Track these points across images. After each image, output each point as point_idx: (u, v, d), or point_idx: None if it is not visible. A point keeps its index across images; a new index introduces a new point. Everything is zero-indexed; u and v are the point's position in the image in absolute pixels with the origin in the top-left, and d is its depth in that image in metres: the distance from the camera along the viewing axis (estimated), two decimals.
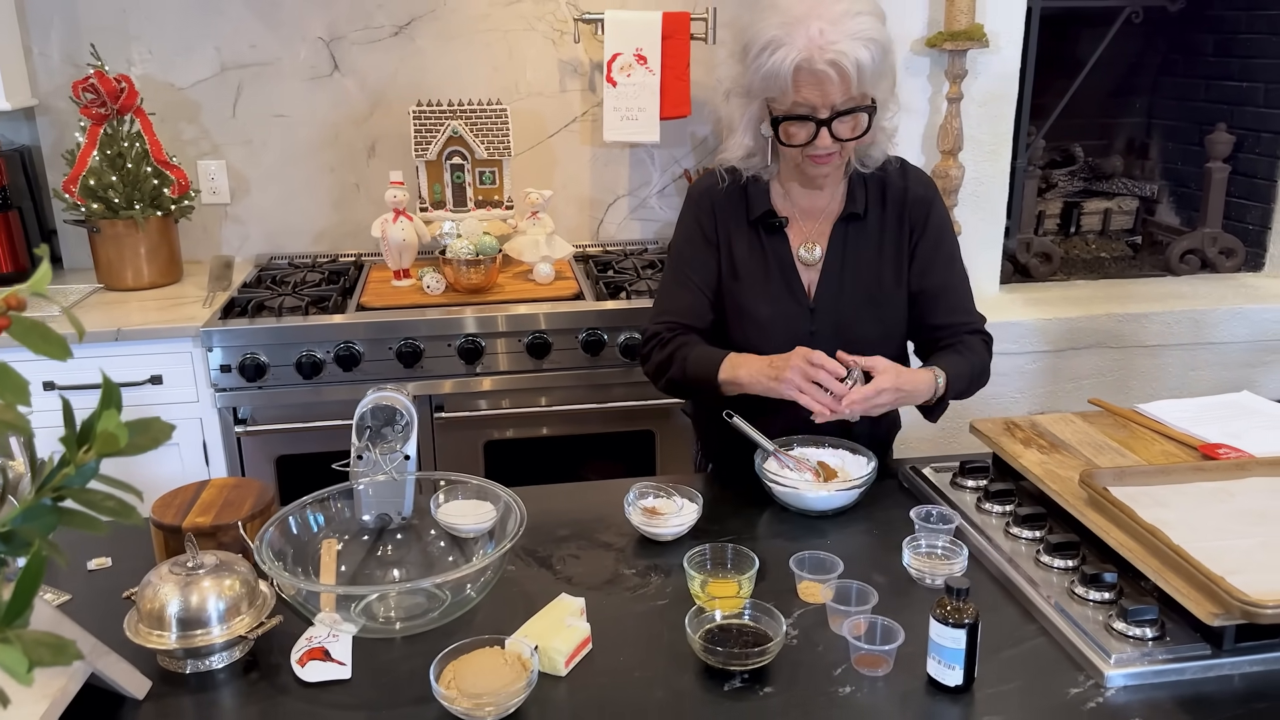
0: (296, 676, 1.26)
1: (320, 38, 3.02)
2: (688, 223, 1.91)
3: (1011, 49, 2.81)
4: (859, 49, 1.62)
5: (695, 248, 1.89)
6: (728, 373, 1.75)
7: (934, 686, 1.24)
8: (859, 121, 1.71)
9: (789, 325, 1.83)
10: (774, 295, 1.85)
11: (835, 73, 1.63)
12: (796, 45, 1.62)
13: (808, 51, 1.62)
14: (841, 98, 1.66)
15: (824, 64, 1.62)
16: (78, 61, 2.90)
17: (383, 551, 1.50)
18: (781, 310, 1.84)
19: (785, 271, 1.85)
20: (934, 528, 1.52)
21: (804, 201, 1.87)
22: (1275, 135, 3.13)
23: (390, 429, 1.52)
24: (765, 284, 1.85)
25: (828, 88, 1.65)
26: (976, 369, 1.84)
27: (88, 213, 2.75)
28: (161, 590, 1.27)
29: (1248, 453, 1.63)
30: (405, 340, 2.60)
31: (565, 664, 1.27)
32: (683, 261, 1.90)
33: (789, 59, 1.62)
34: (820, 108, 1.67)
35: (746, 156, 1.83)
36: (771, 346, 1.79)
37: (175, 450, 2.61)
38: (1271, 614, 1.20)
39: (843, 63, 1.62)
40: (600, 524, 1.65)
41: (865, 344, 1.78)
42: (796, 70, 1.63)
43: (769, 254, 1.85)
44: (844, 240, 1.85)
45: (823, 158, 1.74)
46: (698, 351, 1.81)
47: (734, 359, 1.76)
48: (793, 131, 1.72)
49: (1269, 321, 2.94)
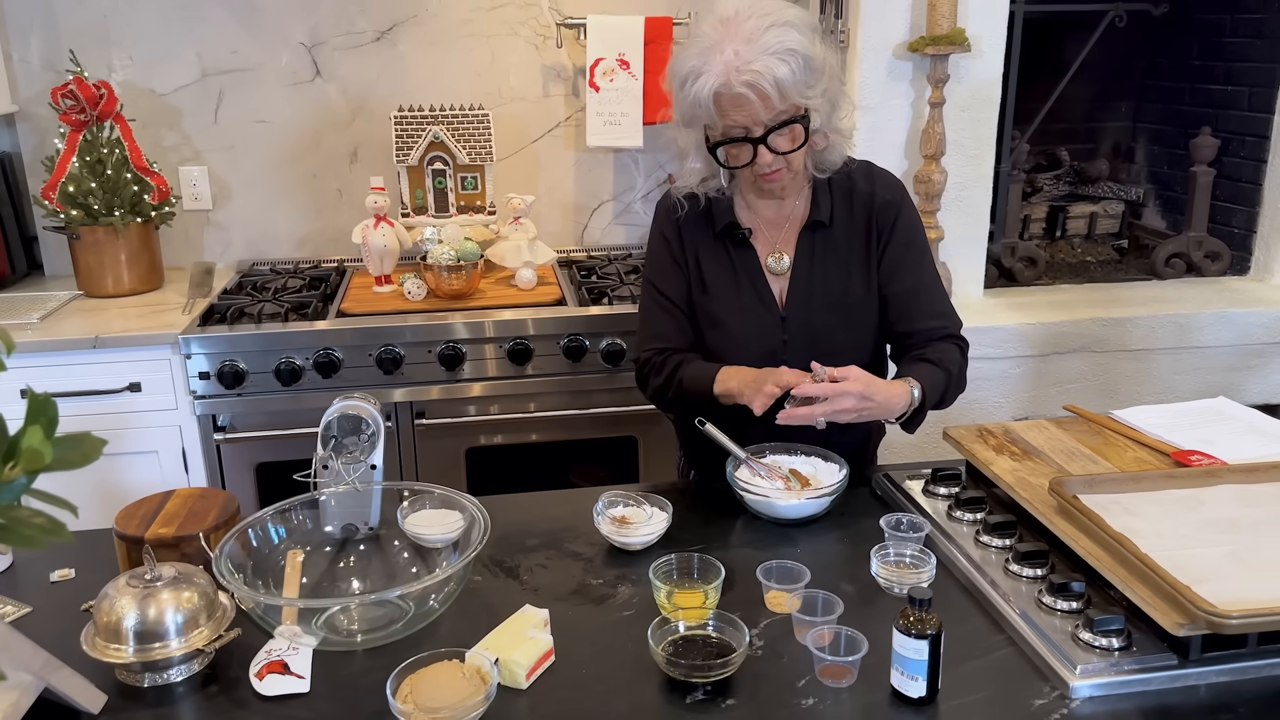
0: (255, 690, 1.25)
1: (302, 43, 3.02)
2: (656, 242, 1.92)
3: (994, 53, 2.80)
4: (775, 65, 1.61)
5: (665, 267, 1.89)
6: (721, 385, 1.77)
7: (897, 698, 1.23)
8: (795, 133, 1.70)
9: (761, 336, 1.83)
10: (745, 306, 1.84)
11: (754, 94, 1.62)
12: (714, 72, 1.62)
13: (724, 76, 1.61)
14: (768, 115, 1.66)
15: (741, 86, 1.61)
16: (58, 68, 2.89)
17: (346, 563, 1.49)
18: (753, 321, 1.84)
19: (755, 282, 1.84)
20: (904, 536, 1.51)
21: (767, 212, 1.86)
22: (1260, 139, 3.12)
23: (356, 439, 1.51)
24: (736, 296, 1.84)
25: (751, 108, 1.64)
26: (953, 377, 1.81)
27: (67, 219, 2.74)
28: (118, 603, 1.26)
29: (1220, 459, 1.62)
30: (385, 347, 2.59)
31: (526, 677, 1.26)
32: (658, 281, 1.90)
33: (707, 86, 1.63)
34: (751, 127, 1.67)
35: (702, 181, 1.83)
36: (746, 357, 1.80)
37: (154, 458, 2.60)
38: (1237, 624, 1.20)
39: (759, 83, 1.61)
40: (570, 533, 1.64)
41: (838, 351, 1.78)
42: (716, 96, 1.63)
43: (737, 266, 1.85)
44: (811, 248, 1.84)
45: (771, 174, 1.73)
46: (690, 371, 1.83)
47: (726, 373, 1.77)
48: (733, 154, 1.72)
49: (1254, 325, 2.93)
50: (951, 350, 1.84)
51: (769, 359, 1.81)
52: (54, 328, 2.57)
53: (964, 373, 1.86)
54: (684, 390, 1.82)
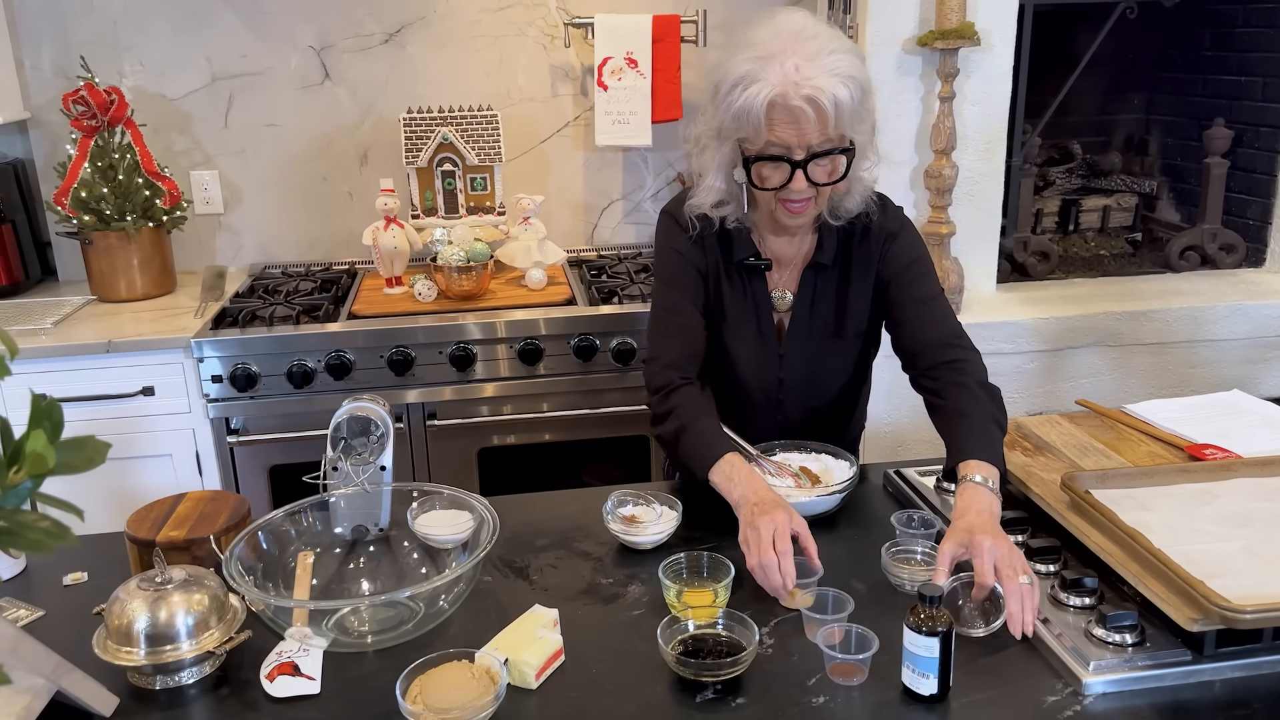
0: (265, 692, 1.25)
1: (311, 46, 3.02)
2: (668, 255, 1.80)
3: (1004, 47, 2.79)
4: (837, 86, 1.52)
5: (682, 278, 1.78)
6: (721, 479, 1.57)
7: (909, 696, 1.23)
8: (837, 165, 1.61)
9: (761, 368, 1.82)
10: (748, 338, 1.81)
11: (812, 109, 1.53)
12: (770, 81, 1.53)
13: (782, 87, 1.52)
14: (818, 138, 1.56)
15: (800, 100, 1.52)
16: (69, 74, 2.91)
17: (356, 564, 1.50)
18: (755, 353, 1.82)
19: (760, 316, 1.80)
20: (914, 532, 1.50)
21: (776, 247, 1.80)
22: (1274, 129, 3.09)
23: (365, 440, 1.51)
24: (743, 326, 1.81)
25: (804, 126, 1.55)
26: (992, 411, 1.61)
27: (79, 225, 2.75)
28: (129, 606, 1.26)
29: (1234, 453, 1.61)
30: (396, 348, 2.59)
31: (536, 677, 1.26)
32: (671, 296, 1.78)
33: (762, 94, 1.53)
34: (795, 148, 1.57)
35: (717, 204, 1.73)
36: (744, 388, 1.81)
37: (168, 461, 2.61)
38: (1251, 619, 1.18)
39: (820, 99, 1.52)
40: (580, 533, 1.64)
41: (832, 389, 1.81)
42: (770, 106, 1.53)
43: (749, 296, 1.80)
44: (813, 287, 1.79)
45: (797, 205, 1.64)
46: (694, 434, 1.64)
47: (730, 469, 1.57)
48: (766, 174, 1.62)
49: (1269, 318, 2.90)
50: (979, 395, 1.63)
51: (766, 395, 1.83)
52: (67, 333, 2.58)
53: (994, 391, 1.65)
54: (678, 451, 1.67)
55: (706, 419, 1.67)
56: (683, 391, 1.70)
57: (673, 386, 1.71)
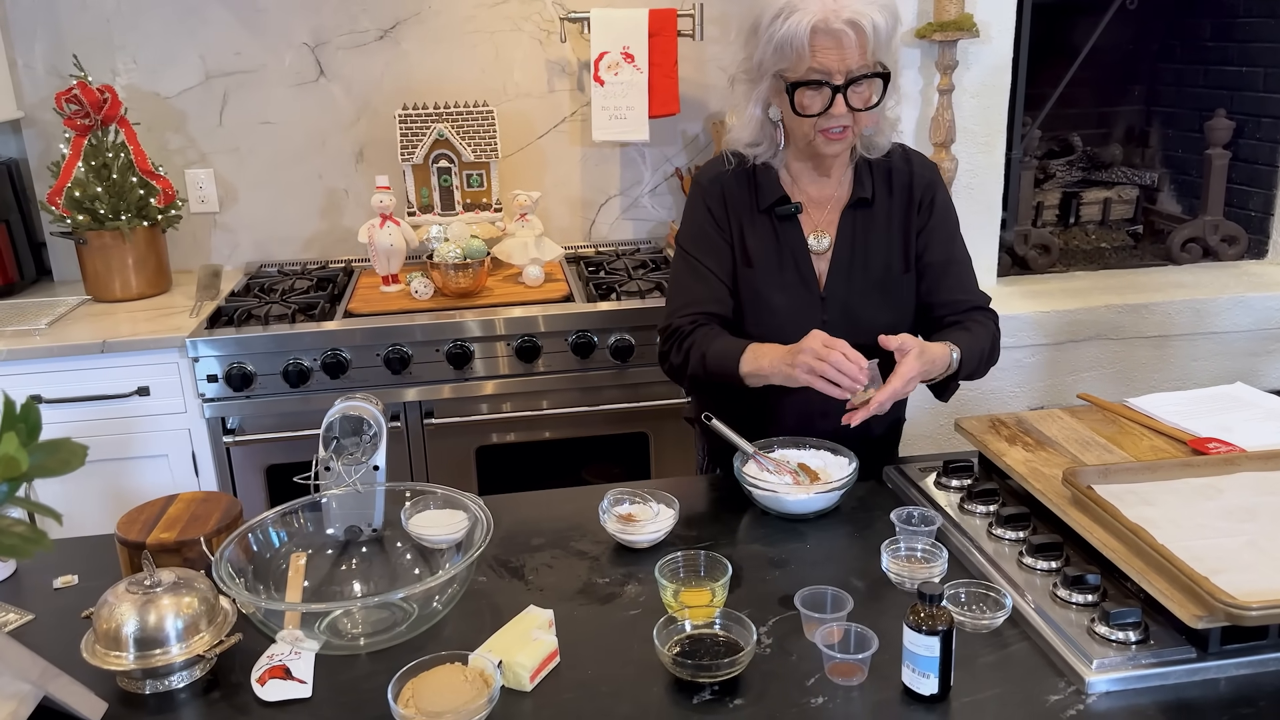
0: (256, 696, 1.24)
1: (305, 43, 3.00)
2: (698, 211, 1.87)
3: (1003, 38, 2.77)
4: (874, 10, 1.63)
5: (708, 235, 1.85)
6: (750, 364, 1.71)
7: (909, 696, 1.21)
8: (874, 89, 1.69)
9: (801, 314, 1.81)
10: (787, 284, 1.82)
11: (853, 31, 1.62)
12: (810, 9, 1.62)
13: (823, 13, 1.62)
14: (857, 62, 1.65)
15: (841, 23, 1.61)
16: (62, 73, 2.89)
17: (348, 565, 1.48)
18: (794, 299, 1.82)
19: (798, 260, 1.82)
20: (914, 530, 1.49)
21: (812, 189, 1.85)
22: (1276, 120, 3.07)
23: (358, 440, 1.49)
24: (779, 273, 1.83)
25: (845, 49, 1.64)
26: (987, 346, 1.82)
27: (74, 224, 2.73)
28: (118, 610, 1.25)
29: (1239, 447, 1.59)
30: (393, 346, 2.57)
31: (530, 679, 1.24)
32: (696, 249, 1.85)
33: (804, 21, 1.62)
34: (835, 73, 1.65)
35: (752, 142, 1.81)
36: (785, 336, 1.76)
37: (165, 462, 2.60)
38: (1257, 616, 1.16)
39: (860, 21, 1.62)
40: (576, 532, 1.62)
41: (875, 330, 1.75)
42: (813, 32, 1.63)
43: (782, 242, 1.83)
44: (852, 228, 1.83)
45: (836, 133, 1.71)
46: (717, 346, 1.76)
47: (755, 349, 1.72)
48: (807, 101, 1.69)
49: (1272, 309, 2.88)
50: (985, 320, 1.85)
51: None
52: (62, 333, 2.57)
53: (998, 343, 1.86)
54: (706, 367, 1.76)
55: (725, 338, 1.78)
56: (698, 329, 1.80)
57: (685, 332, 1.81)
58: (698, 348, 1.78)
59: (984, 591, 1.35)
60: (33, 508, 0.74)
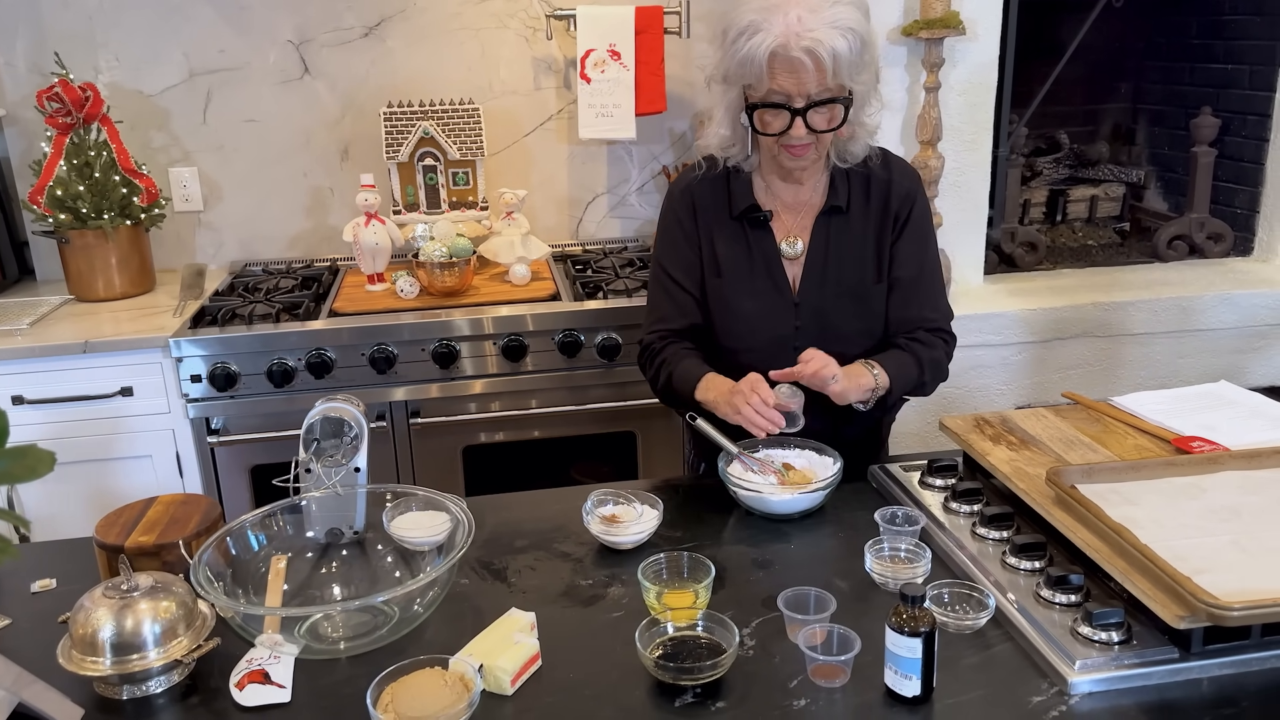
0: (235, 701, 1.23)
1: (290, 41, 2.98)
2: (668, 223, 1.89)
3: (990, 36, 2.76)
4: (836, 38, 1.60)
5: (677, 248, 1.87)
6: (701, 394, 1.75)
7: (891, 697, 1.20)
8: (835, 113, 1.69)
9: (773, 320, 1.81)
10: (758, 290, 1.82)
11: (810, 61, 1.61)
12: (774, 31, 1.60)
13: (784, 38, 1.60)
14: (817, 88, 1.64)
15: (799, 51, 1.60)
16: (44, 70, 2.86)
17: (329, 568, 1.47)
18: (766, 305, 1.82)
19: (770, 266, 1.82)
20: (898, 529, 1.48)
21: (785, 195, 1.84)
22: (1262, 117, 3.07)
23: (338, 442, 1.48)
24: (749, 279, 1.82)
25: (803, 76, 1.63)
26: (925, 364, 1.81)
27: (56, 223, 2.71)
28: (94, 615, 1.23)
29: (1222, 445, 1.59)
30: (378, 346, 2.56)
31: (511, 683, 1.23)
32: (666, 263, 1.88)
33: (765, 44, 1.61)
34: (795, 97, 1.65)
35: (724, 146, 1.81)
36: (756, 342, 1.79)
37: (149, 462, 2.58)
38: (1239, 616, 1.16)
39: (818, 51, 1.60)
40: (560, 533, 1.61)
41: (848, 339, 1.78)
42: (771, 56, 1.62)
43: (753, 248, 1.83)
44: (826, 234, 1.83)
45: (797, 149, 1.72)
46: (680, 369, 1.80)
47: (708, 381, 1.75)
48: (767, 120, 1.70)
49: (1258, 307, 2.89)
50: (929, 340, 1.83)
51: (780, 345, 1.80)
52: (44, 333, 2.55)
53: (941, 363, 1.86)
54: (672, 387, 1.81)
55: (689, 359, 1.82)
56: (668, 347, 1.85)
57: (656, 348, 1.86)
58: (665, 367, 1.83)
59: (967, 592, 1.35)
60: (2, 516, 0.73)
